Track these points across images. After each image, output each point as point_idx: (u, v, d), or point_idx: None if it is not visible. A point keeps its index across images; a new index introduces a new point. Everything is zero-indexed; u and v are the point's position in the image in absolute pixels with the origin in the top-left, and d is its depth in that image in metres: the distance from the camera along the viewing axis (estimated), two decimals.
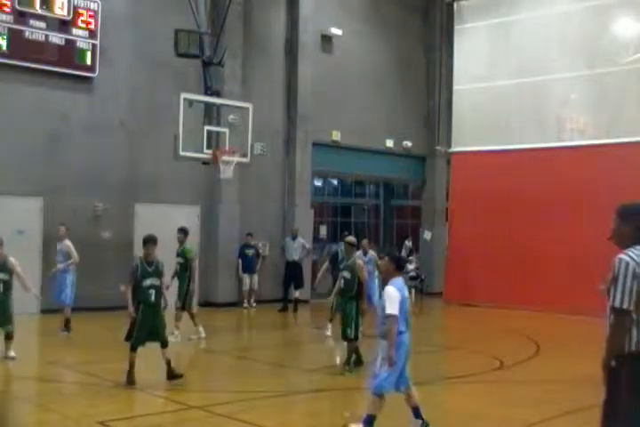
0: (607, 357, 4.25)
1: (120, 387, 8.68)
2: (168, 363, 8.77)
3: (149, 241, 8.77)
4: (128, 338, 8.74)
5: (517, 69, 19.01)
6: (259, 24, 18.48)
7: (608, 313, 4.28)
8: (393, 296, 6.39)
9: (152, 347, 8.78)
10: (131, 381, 8.56)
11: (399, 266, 6.80)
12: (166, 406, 7.97)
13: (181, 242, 12.56)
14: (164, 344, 8.81)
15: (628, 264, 4.20)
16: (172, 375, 8.78)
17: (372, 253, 14.36)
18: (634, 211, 4.44)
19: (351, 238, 10.95)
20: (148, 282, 8.66)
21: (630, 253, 4.26)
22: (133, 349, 8.66)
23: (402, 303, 6.49)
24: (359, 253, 13.73)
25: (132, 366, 8.61)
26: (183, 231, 12.65)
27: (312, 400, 8.46)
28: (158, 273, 8.78)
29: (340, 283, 10.45)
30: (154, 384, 8.99)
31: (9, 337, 9.98)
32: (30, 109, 14.71)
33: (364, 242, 14.44)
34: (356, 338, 9.92)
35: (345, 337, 10.02)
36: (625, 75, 17.11)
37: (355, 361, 9.99)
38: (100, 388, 8.58)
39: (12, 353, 9.92)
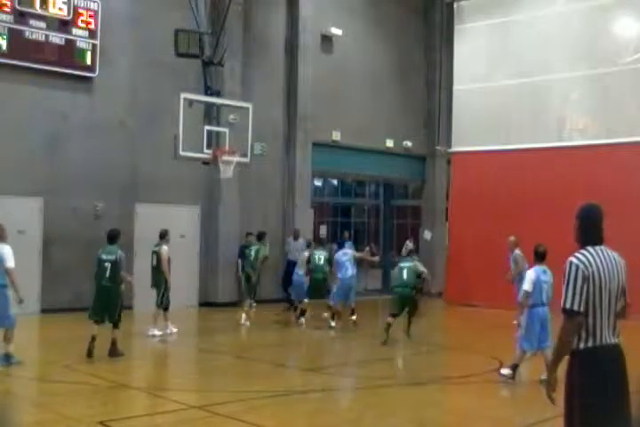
0: (555, 357, 4.41)
1: (120, 387, 8.69)
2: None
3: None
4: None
5: (517, 69, 19.00)
6: (259, 24, 18.48)
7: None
8: None
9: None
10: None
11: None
12: (166, 406, 7.96)
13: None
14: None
15: (577, 267, 4.34)
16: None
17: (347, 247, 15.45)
18: (583, 207, 4.63)
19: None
20: (402, 264, 13.09)
21: (579, 256, 4.40)
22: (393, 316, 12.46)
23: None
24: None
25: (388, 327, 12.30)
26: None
27: (312, 400, 8.45)
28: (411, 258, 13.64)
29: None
30: (154, 384, 9.00)
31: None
32: (30, 109, 14.71)
33: (345, 234, 16.68)
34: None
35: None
36: (625, 75, 17.10)
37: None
38: (99, 388, 8.58)
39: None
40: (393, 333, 12.28)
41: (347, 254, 14.39)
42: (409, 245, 21.71)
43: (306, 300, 14.62)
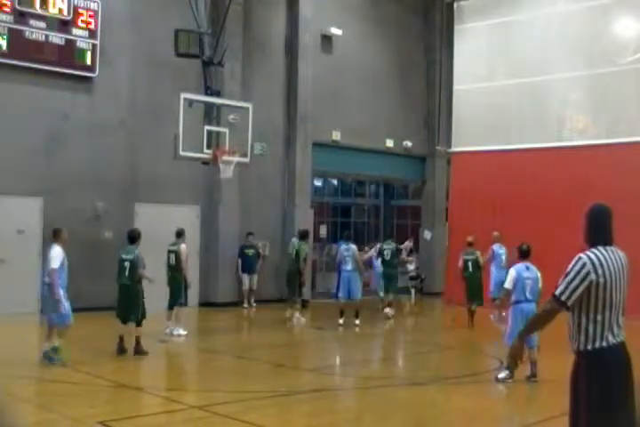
0: (527, 327, 4.66)
1: (120, 387, 8.69)
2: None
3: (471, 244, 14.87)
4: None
5: (517, 69, 19.00)
6: (259, 24, 18.48)
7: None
8: None
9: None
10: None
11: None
12: (166, 406, 7.97)
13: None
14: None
15: (584, 265, 4.35)
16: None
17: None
18: (591, 208, 4.71)
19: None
20: (465, 257, 14.76)
21: (590, 255, 4.40)
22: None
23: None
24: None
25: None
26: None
27: (312, 400, 8.45)
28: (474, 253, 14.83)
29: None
30: (154, 384, 9.00)
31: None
32: (30, 109, 14.70)
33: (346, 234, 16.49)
34: None
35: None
36: (625, 75, 17.10)
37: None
38: (100, 388, 8.58)
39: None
40: (393, 332, 12.28)
41: (349, 250, 14.78)
42: (408, 245, 21.75)
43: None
